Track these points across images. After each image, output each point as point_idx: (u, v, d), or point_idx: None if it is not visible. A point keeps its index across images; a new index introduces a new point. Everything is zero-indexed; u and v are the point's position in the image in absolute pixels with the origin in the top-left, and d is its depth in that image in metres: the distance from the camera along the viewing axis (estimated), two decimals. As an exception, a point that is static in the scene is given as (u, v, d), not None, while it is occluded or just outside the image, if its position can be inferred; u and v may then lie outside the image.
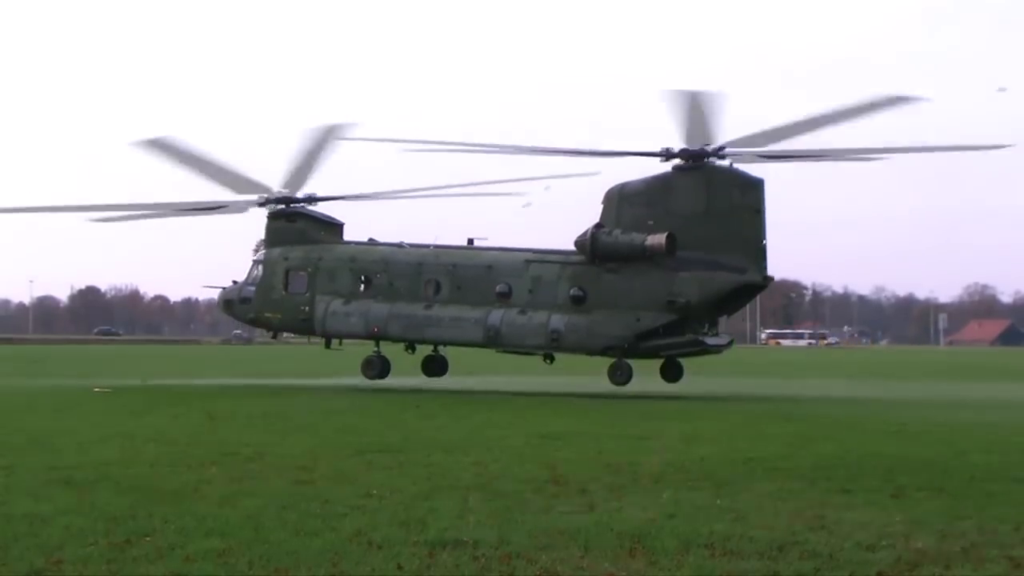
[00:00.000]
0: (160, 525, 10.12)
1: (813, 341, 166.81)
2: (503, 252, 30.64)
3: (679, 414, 23.36)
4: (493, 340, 29.74)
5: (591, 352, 28.62)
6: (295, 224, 32.97)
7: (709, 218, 26.13)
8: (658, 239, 26.21)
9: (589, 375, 43.00)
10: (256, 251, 35.74)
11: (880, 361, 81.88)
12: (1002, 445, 17.51)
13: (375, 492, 12.10)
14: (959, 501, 11.89)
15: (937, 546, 9.58)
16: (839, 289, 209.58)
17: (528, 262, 29.55)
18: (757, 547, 9.44)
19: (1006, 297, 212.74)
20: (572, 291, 28.41)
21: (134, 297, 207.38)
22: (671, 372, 29.49)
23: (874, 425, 21.13)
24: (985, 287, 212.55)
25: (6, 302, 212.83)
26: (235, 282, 34.03)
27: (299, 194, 33.10)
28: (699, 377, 34.16)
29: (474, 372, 43.45)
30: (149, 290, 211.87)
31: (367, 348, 33.68)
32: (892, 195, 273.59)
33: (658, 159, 26.79)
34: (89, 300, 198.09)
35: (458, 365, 46.95)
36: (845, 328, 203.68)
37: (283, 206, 33.16)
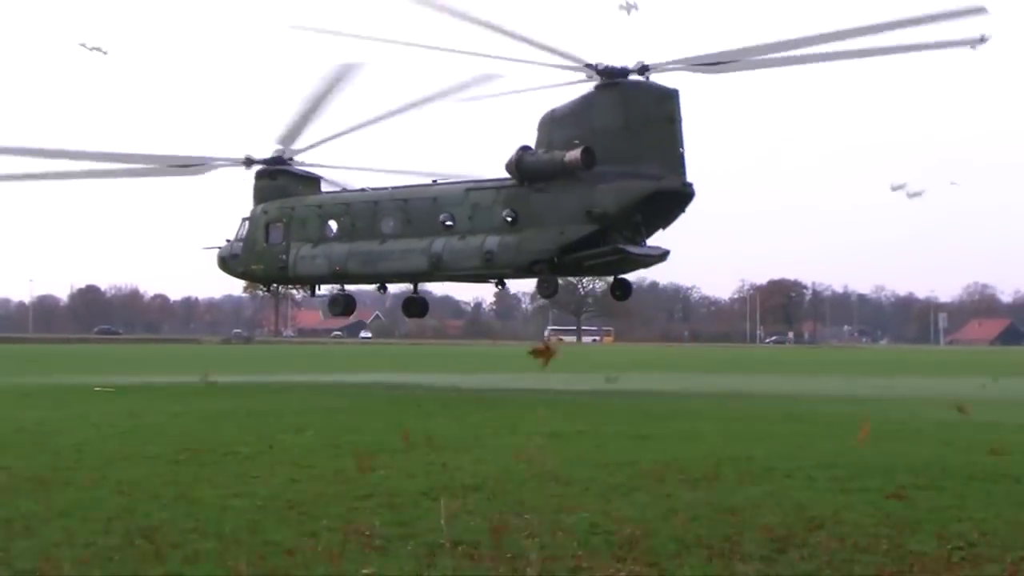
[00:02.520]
0: (158, 525, 10.10)
1: (598, 338, 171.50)
2: (449, 185, 31.42)
3: (679, 413, 23.34)
4: (436, 266, 30.95)
5: (519, 268, 29.48)
6: (276, 181, 35.52)
7: (628, 132, 27.24)
8: (575, 154, 27.41)
9: (589, 372, 42.98)
10: None
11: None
12: (1002, 444, 17.47)
13: (375, 492, 12.07)
14: (959, 501, 11.87)
15: (937, 547, 9.56)
16: (839, 288, 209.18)
17: (468, 191, 30.71)
18: (757, 548, 9.42)
19: (1006, 297, 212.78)
20: (505, 213, 29.54)
21: (134, 296, 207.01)
22: (620, 290, 29.96)
23: (873, 424, 21.07)
24: (985, 286, 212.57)
25: (6, 301, 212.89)
26: (228, 240, 36.00)
27: (284, 154, 34.88)
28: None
29: (473, 371, 43.43)
30: (149, 289, 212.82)
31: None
32: (892, 194, 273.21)
33: (584, 79, 27.22)
34: (89, 299, 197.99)
35: (457, 364, 47.07)
36: (845, 327, 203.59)
37: (266, 165, 34.74)
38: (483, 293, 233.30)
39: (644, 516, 10.74)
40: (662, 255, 28.59)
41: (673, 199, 26.47)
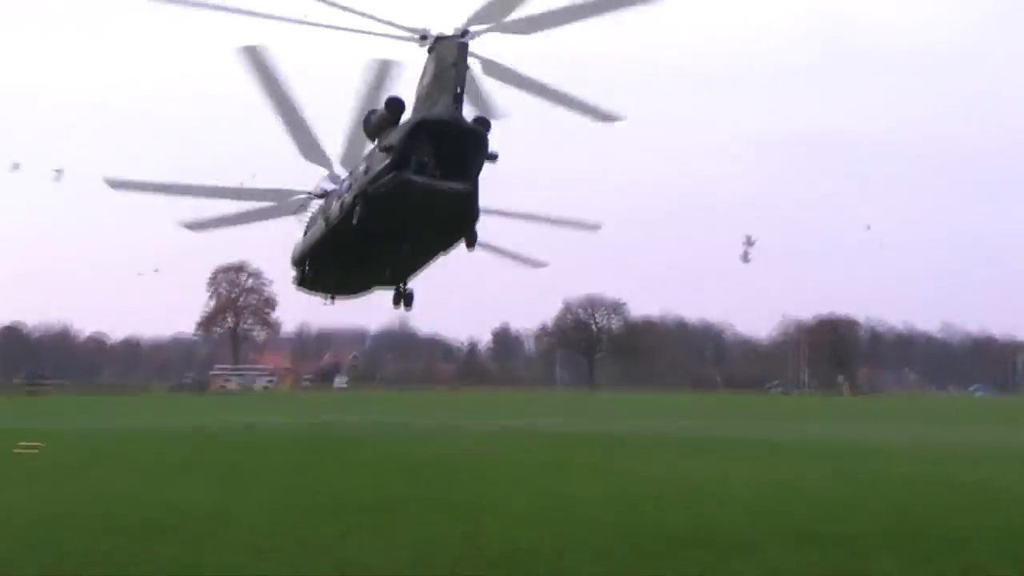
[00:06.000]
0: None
1: (272, 380, 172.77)
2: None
3: (703, 462, 23.33)
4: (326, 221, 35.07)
5: (356, 202, 33.00)
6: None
7: (433, 82, 29.41)
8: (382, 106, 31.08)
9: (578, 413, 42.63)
10: None
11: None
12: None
13: (350, 566, 12.08)
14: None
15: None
16: (899, 326, 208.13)
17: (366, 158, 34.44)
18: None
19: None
20: (362, 169, 33.20)
21: (64, 337, 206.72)
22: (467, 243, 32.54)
23: (946, 486, 20.92)
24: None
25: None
26: None
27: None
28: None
29: (469, 414, 43.11)
30: (82, 328, 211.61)
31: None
32: (961, 218, 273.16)
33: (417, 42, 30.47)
34: (11, 340, 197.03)
35: (452, 409, 46.46)
36: (906, 371, 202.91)
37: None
38: (479, 331, 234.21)
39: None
40: (459, 190, 30.37)
41: (446, 130, 31.03)
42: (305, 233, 34.37)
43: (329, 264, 31.91)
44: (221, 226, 38.72)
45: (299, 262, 33.61)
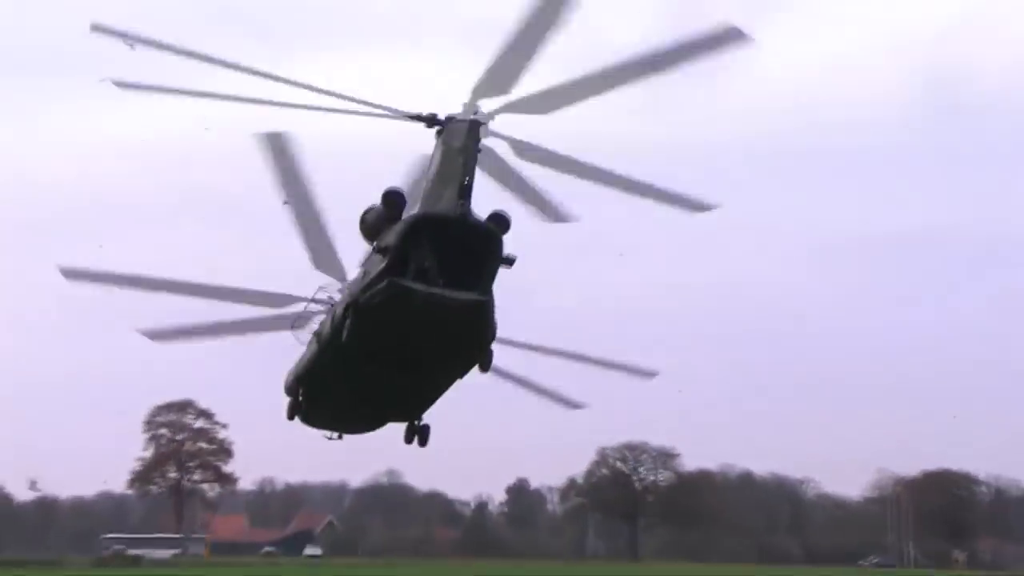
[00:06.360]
0: None
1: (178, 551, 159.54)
2: None
3: None
4: None
5: (346, 314, 31.05)
6: None
7: (438, 171, 29.29)
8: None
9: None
10: None
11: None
12: None
13: None
14: None
15: None
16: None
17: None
18: None
19: None
20: (360, 275, 32.04)
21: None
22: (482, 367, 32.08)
23: None
24: None
25: None
26: None
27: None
28: None
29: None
30: None
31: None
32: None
33: (423, 124, 28.39)
34: None
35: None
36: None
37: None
38: (490, 488, 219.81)
39: None
40: (468, 301, 27.89)
41: (451, 229, 29.01)
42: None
43: (324, 391, 31.47)
44: (192, 337, 33.24)
45: (291, 390, 32.51)
